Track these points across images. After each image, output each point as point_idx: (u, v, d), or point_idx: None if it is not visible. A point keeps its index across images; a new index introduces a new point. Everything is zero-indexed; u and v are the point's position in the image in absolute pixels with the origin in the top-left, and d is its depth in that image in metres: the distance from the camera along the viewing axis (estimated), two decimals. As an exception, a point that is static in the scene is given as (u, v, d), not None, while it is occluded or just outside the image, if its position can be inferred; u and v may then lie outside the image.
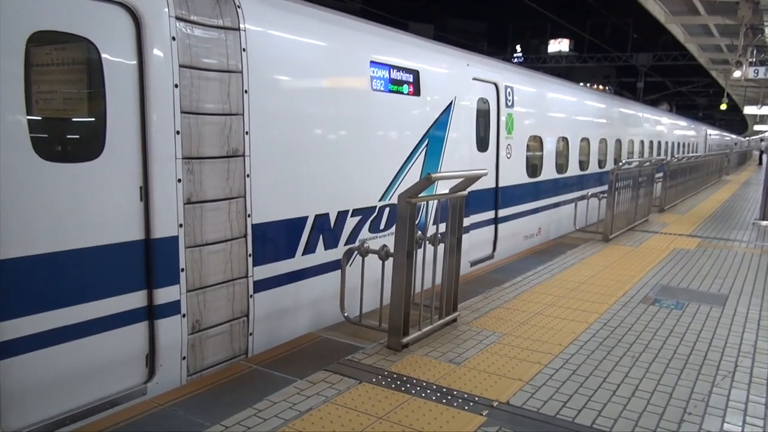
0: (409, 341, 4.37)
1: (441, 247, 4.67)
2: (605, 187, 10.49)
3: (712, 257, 7.97)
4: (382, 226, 5.84)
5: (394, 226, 5.26)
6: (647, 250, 8.29)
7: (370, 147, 5.71)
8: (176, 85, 3.80)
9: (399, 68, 6.02)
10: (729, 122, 70.77)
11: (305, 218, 4.94)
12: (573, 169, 10.96)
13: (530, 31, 64.32)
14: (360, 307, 4.72)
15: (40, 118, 3.38)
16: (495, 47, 52.35)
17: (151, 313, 3.78)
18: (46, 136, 3.48)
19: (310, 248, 5.00)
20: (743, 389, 3.82)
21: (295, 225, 4.87)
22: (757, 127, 45.03)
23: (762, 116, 36.05)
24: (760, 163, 41.32)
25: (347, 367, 4.01)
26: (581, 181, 11.44)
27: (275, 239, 4.68)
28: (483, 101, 7.65)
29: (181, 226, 3.88)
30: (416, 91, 6.28)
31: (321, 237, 5.11)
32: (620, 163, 9.53)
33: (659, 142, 18.65)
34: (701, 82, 43.88)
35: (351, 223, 5.43)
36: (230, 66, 4.17)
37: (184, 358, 3.96)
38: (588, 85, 38.10)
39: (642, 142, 16.26)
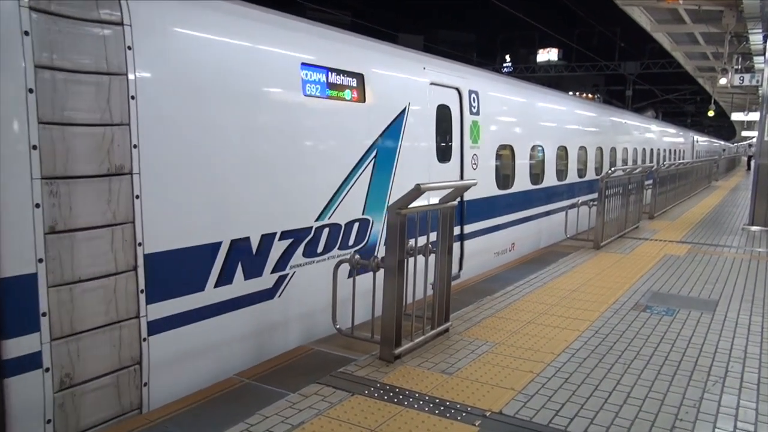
0: (401, 352, 4.37)
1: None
2: (586, 198, 10.57)
3: (702, 263, 8.02)
4: (319, 249, 5.20)
5: (335, 249, 5.34)
6: (638, 257, 8.33)
7: (302, 160, 5.06)
8: (31, 90, 3.16)
9: (339, 71, 5.39)
10: (717, 128, 71.48)
11: (218, 244, 4.27)
12: (550, 180, 10.54)
13: (519, 41, 64.96)
14: (352, 318, 4.70)
15: None
16: (484, 57, 52.81)
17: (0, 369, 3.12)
18: None
19: (225, 278, 4.32)
20: (734, 394, 3.84)
21: (204, 252, 4.18)
22: (745, 133, 45.41)
23: (749, 122, 36.41)
24: (749, 168, 41.73)
25: (339, 380, 4.00)
26: (560, 192, 11.02)
27: (177, 270, 3.99)
28: (443, 108, 7.08)
29: (41, 260, 3.21)
30: (361, 97, 5.64)
31: (240, 265, 4.45)
32: (609, 171, 9.54)
33: (644, 150, 18.26)
34: (689, 89, 44.37)
35: (280, 247, 4.78)
36: (111, 67, 3.50)
37: (49, 421, 3.30)
38: (577, 94, 38.43)
39: (626, 149, 15.90)
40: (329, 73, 5.29)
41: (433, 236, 4.59)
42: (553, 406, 3.63)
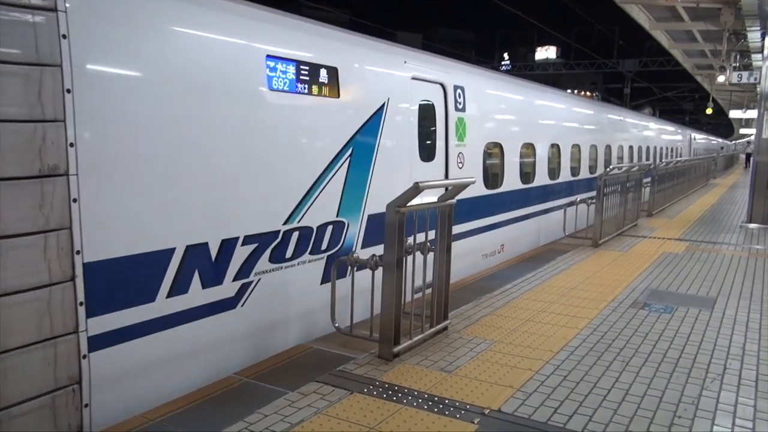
0: (400, 350, 4.37)
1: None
2: (579, 197, 10.35)
3: (701, 261, 8.03)
4: (288, 254, 4.86)
5: (305, 254, 5.02)
6: (636, 255, 8.34)
7: (268, 158, 4.70)
8: None
9: (310, 64, 5.03)
10: (715, 126, 71.48)
11: (171, 251, 3.92)
12: (542, 179, 10.17)
13: (517, 39, 64.82)
14: (351, 317, 4.71)
15: None
16: (483, 56, 52.78)
17: None
18: None
19: (179, 288, 3.99)
20: (732, 392, 3.85)
21: (154, 260, 3.83)
22: (743, 131, 45.51)
23: (747, 120, 36.45)
24: (746, 165, 41.79)
25: (338, 378, 4.00)
26: (552, 191, 10.67)
27: (123, 280, 3.67)
28: (427, 104, 6.74)
29: None
30: (335, 92, 5.30)
31: (197, 272, 4.12)
32: (608, 169, 9.55)
33: (640, 148, 17.76)
34: (687, 87, 44.43)
35: (242, 252, 4.45)
36: (42, 58, 3.18)
37: None
38: (575, 91, 38.45)
39: (621, 147, 15.43)
40: (299, 66, 4.94)
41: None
42: (551, 404, 3.64)
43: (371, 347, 4.47)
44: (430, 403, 3.63)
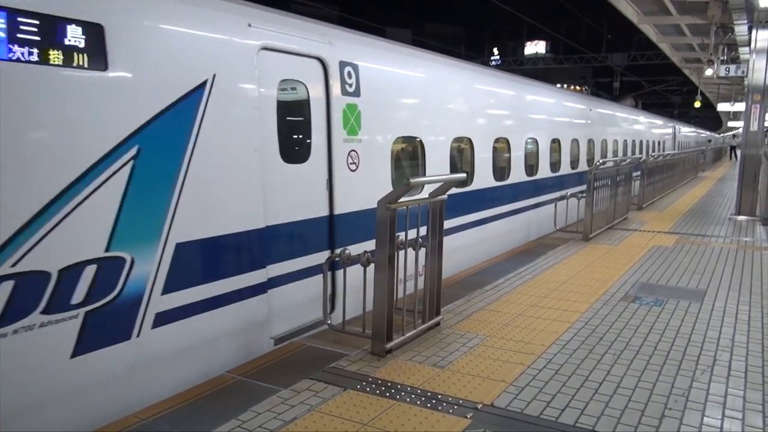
0: (392, 346, 4.38)
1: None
2: (537, 200, 9.77)
3: (690, 253, 8.09)
4: None
5: (35, 313, 3.31)
6: (627, 248, 8.39)
7: None
8: None
9: (42, 17, 3.37)
10: (704, 119, 71.98)
11: None
12: (483, 181, 8.37)
13: (507, 34, 64.98)
14: (343, 314, 4.71)
15: None
16: (473, 50, 52.79)
17: None
18: None
19: None
20: (722, 383, 3.89)
21: None
22: (731, 124, 45.84)
23: (735, 113, 36.73)
24: (731, 158, 42.12)
25: (331, 375, 4.01)
26: (499, 195, 8.93)
27: None
28: (293, 86, 5.12)
29: None
30: (99, 63, 3.63)
31: None
32: (597, 163, 9.55)
33: (616, 141, 15.96)
34: (675, 80, 44.65)
35: None
36: None
37: None
38: (565, 86, 38.55)
39: (591, 141, 13.58)
40: (13, 18, 3.27)
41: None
42: (544, 398, 3.66)
43: (364, 344, 4.48)
44: (424, 398, 3.64)
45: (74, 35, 3.55)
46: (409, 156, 6.98)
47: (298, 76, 5.12)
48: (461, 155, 8.02)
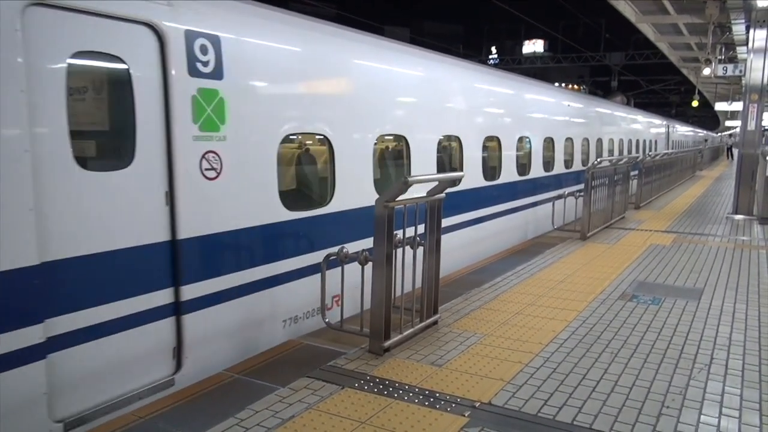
0: (390, 345, 4.38)
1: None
2: (504, 218, 9.04)
3: (688, 252, 8.11)
4: None
5: None
6: (624, 247, 8.40)
7: None
8: None
9: None
10: (702, 119, 72.04)
11: None
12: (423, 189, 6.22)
13: (505, 33, 64.98)
14: (341, 312, 4.71)
15: None
16: (471, 49, 52.76)
17: None
18: None
19: None
20: (719, 381, 3.90)
21: None
22: (728, 123, 45.88)
23: (733, 112, 36.76)
24: (728, 157, 42.15)
25: (329, 373, 4.01)
26: (447, 205, 6.19)
27: None
28: (102, 61, 3.78)
29: None
30: None
31: None
32: (594, 162, 9.56)
33: (599, 141, 14.51)
34: (673, 79, 44.70)
35: None
36: None
37: None
38: (563, 85, 38.54)
39: (569, 140, 12.33)
40: None
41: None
42: (541, 396, 3.66)
43: (362, 342, 4.48)
44: (421, 396, 3.64)
45: None
46: (308, 158, 5.63)
47: (108, 48, 3.72)
48: (387, 158, 6.75)
